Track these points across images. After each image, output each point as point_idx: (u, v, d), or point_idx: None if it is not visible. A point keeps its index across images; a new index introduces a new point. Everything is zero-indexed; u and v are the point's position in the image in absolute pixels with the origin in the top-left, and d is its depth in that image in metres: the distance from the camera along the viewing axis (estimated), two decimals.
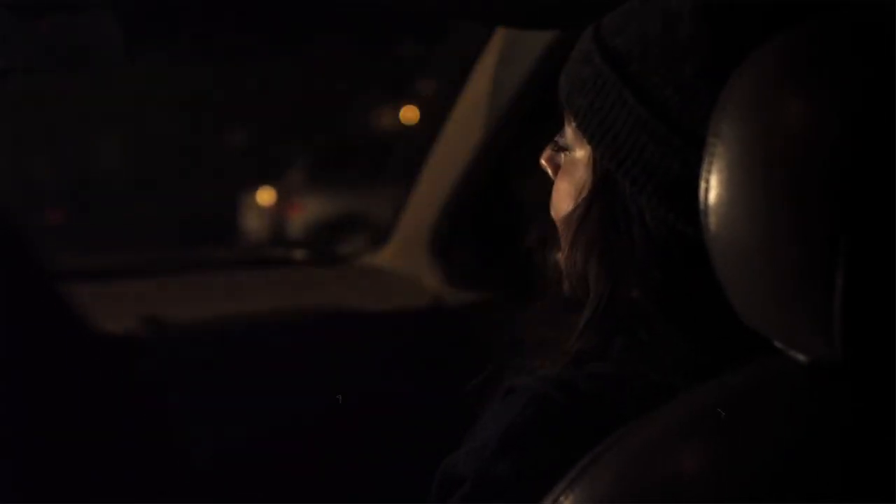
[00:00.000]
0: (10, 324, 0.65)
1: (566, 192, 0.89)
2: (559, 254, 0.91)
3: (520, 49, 1.70)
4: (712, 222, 0.62)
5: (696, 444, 0.63)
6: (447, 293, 1.92)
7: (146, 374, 0.71)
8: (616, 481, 0.62)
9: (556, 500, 0.63)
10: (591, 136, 0.84)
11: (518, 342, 0.92)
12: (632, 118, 0.81)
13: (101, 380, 0.69)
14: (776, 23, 0.68)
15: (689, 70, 0.80)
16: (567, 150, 0.90)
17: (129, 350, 0.72)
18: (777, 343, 0.64)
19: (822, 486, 0.58)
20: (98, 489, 0.66)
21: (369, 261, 2.02)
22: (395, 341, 1.74)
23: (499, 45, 1.73)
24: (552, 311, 0.91)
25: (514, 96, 1.74)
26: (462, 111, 1.82)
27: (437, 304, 1.88)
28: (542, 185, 0.95)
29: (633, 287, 0.83)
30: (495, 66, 1.74)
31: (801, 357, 0.63)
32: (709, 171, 0.62)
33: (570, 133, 0.89)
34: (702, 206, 0.63)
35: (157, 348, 1.53)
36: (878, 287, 0.57)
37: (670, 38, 0.81)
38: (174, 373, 1.49)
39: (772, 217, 0.59)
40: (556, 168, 0.92)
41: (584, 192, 0.87)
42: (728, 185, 0.61)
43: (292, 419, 1.59)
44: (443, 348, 1.74)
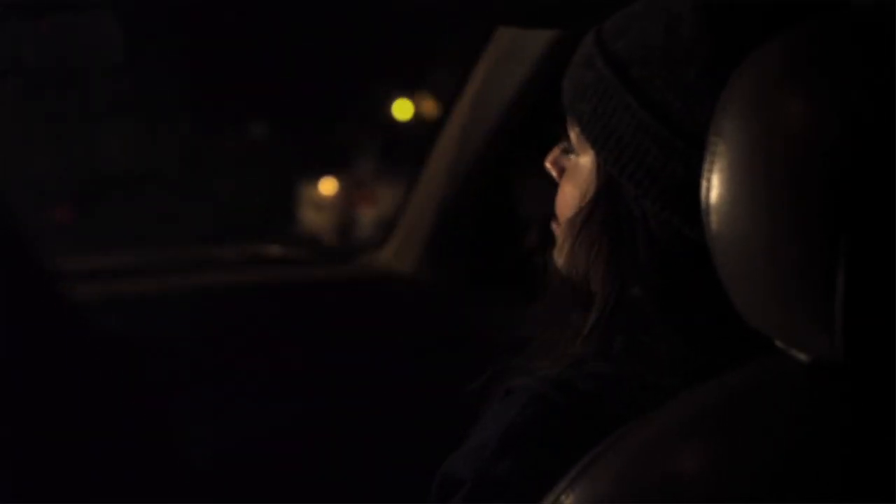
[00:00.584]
0: (9, 324, 0.64)
1: (571, 196, 0.89)
2: (561, 255, 0.91)
3: (520, 49, 1.69)
4: (714, 221, 0.62)
5: (697, 443, 0.63)
6: (447, 293, 1.92)
7: (146, 374, 0.71)
8: (616, 481, 0.62)
9: (557, 499, 0.63)
10: (595, 141, 0.84)
11: (518, 342, 0.92)
12: (634, 122, 0.81)
13: (100, 380, 0.69)
14: (776, 24, 0.68)
15: (691, 73, 0.80)
16: (572, 153, 0.90)
17: (129, 350, 0.71)
18: (778, 342, 0.64)
19: (823, 486, 0.58)
20: (98, 489, 0.66)
21: (369, 261, 2.01)
22: (395, 341, 1.74)
23: (499, 45, 1.73)
24: (552, 312, 0.91)
25: (514, 96, 1.74)
26: (462, 111, 1.82)
27: (436, 304, 1.89)
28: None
29: (636, 289, 0.84)
30: (495, 66, 1.74)
31: (802, 357, 0.63)
32: (710, 171, 0.62)
33: (573, 137, 0.90)
34: (703, 206, 0.63)
35: (156, 348, 1.53)
36: (879, 286, 0.57)
37: (671, 41, 0.81)
38: (174, 371, 1.49)
39: (773, 216, 0.59)
40: (561, 171, 0.92)
41: (588, 196, 0.87)
42: (729, 185, 0.61)
43: (290, 419, 1.59)
44: (442, 348, 1.74)
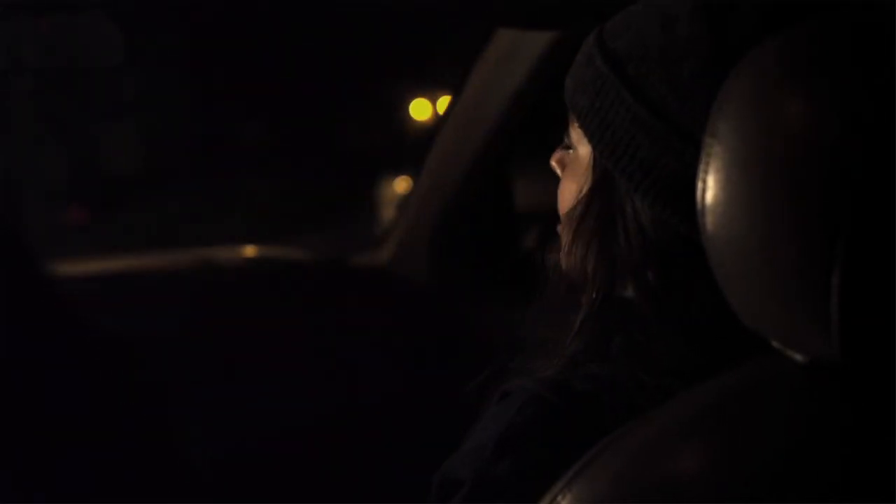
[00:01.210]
0: (9, 324, 0.65)
1: (569, 191, 0.91)
2: (560, 253, 0.92)
3: (520, 49, 1.70)
4: (710, 222, 0.62)
5: (695, 444, 0.63)
6: (447, 293, 1.92)
7: (145, 374, 0.71)
8: (614, 481, 0.62)
9: (554, 499, 0.63)
10: (592, 135, 0.85)
11: (517, 343, 0.92)
12: (629, 116, 0.82)
13: (100, 380, 0.69)
14: (774, 24, 0.68)
15: (687, 70, 0.80)
16: (572, 149, 0.92)
17: (128, 350, 0.72)
18: (775, 343, 0.64)
19: (821, 486, 0.58)
20: (97, 489, 0.66)
21: (369, 261, 2.02)
22: (394, 341, 1.75)
23: (499, 45, 1.73)
24: (551, 312, 0.92)
25: (514, 96, 1.74)
26: (462, 111, 1.82)
27: (436, 304, 1.89)
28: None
29: (630, 286, 0.84)
30: (495, 66, 1.74)
31: (799, 357, 0.63)
32: (706, 171, 0.62)
33: (573, 133, 0.91)
34: (699, 206, 0.63)
35: (155, 348, 1.53)
36: (876, 286, 0.57)
37: (668, 38, 0.82)
38: (173, 372, 1.50)
39: (769, 216, 0.59)
40: (564, 169, 0.94)
41: (584, 190, 0.87)
42: (726, 185, 0.61)
43: (290, 419, 1.59)
44: (442, 348, 1.75)
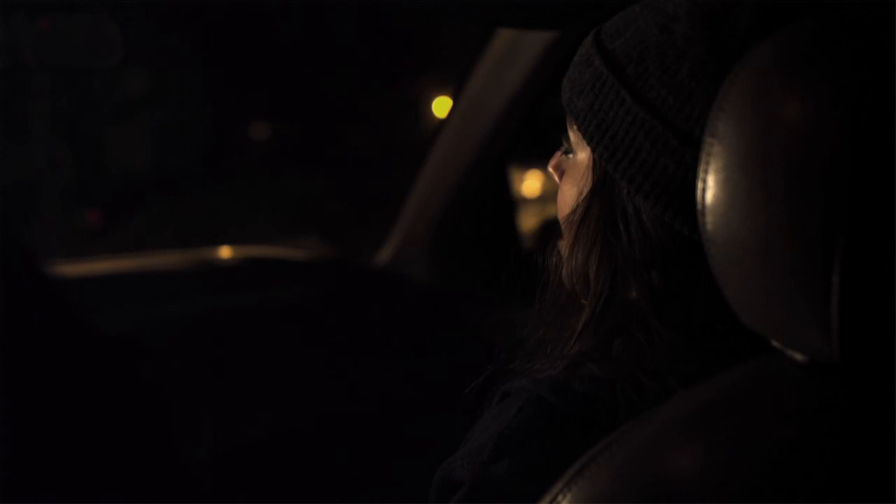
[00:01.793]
0: (9, 324, 0.65)
1: (569, 194, 0.90)
2: (561, 255, 0.91)
3: (520, 49, 1.70)
4: (709, 222, 0.62)
5: (695, 443, 0.63)
6: (446, 293, 1.92)
7: (145, 375, 0.71)
8: (613, 480, 0.62)
9: (554, 499, 0.63)
10: (591, 138, 0.85)
11: (517, 343, 0.92)
12: (629, 118, 0.82)
13: (99, 381, 0.69)
14: (772, 24, 0.68)
15: (684, 71, 0.80)
16: (571, 154, 0.91)
17: (128, 351, 0.72)
18: (774, 342, 0.64)
19: (819, 485, 0.58)
20: (97, 489, 0.66)
21: (369, 261, 2.02)
22: (394, 342, 1.74)
23: (499, 45, 1.73)
24: (552, 313, 0.91)
25: (514, 96, 1.74)
26: (462, 111, 1.82)
27: (436, 304, 1.89)
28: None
29: (631, 287, 0.84)
30: (495, 66, 1.74)
31: (799, 356, 0.63)
32: (706, 171, 0.62)
33: (572, 136, 0.90)
34: (699, 206, 0.63)
35: (156, 348, 1.53)
36: (875, 286, 0.57)
37: (666, 39, 0.82)
38: (172, 373, 1.49)
39: (769, 216, 0.59)
40: (562, 175, 0.93)
41: (584, 193, 0.87)
42: (725, 185, 0.61)
43: (289, 419, 1.59)
44: (441, 348, 1.74)
